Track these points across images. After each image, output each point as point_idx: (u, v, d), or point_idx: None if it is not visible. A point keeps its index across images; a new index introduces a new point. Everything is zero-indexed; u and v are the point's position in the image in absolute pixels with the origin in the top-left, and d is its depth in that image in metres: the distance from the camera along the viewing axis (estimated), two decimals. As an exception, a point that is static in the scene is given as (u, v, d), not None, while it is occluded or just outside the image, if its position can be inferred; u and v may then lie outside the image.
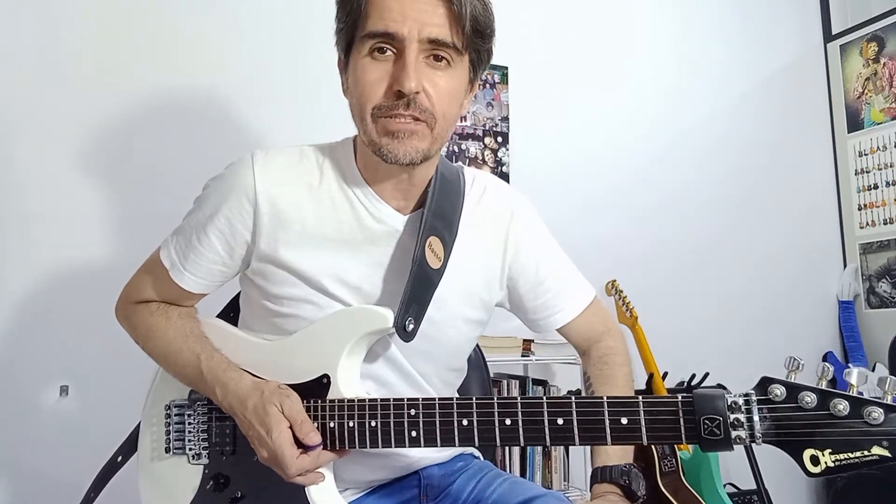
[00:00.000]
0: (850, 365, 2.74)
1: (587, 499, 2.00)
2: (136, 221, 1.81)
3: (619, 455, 0.99)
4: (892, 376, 0.69)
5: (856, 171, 2.98)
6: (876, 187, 2.91)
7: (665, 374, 2.26)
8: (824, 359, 2.83)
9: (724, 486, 2.16)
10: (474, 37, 0.92)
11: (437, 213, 0.98)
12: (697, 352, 2.48)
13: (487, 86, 2.39)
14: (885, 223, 2.86)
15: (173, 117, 1.90)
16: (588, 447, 1.05)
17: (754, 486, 2.30)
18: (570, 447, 2.09)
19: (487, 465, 1.14)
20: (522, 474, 2.00)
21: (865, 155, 2.95)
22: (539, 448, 2.05)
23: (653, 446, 2.05)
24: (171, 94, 1.91)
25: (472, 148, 2.34)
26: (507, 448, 1.99)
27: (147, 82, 1.88)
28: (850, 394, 0.71)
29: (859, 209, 2.96)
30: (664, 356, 2.25)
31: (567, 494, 2.03)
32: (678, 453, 2.11)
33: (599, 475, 0.97)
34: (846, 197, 3.01)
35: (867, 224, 2.92)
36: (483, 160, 2.35)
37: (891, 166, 2.86)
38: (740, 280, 2.73)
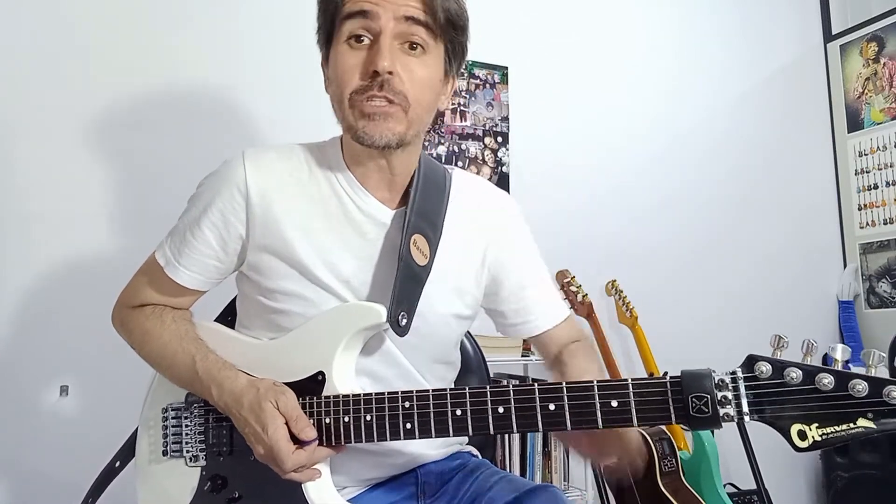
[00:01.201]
0: (849, 365, 2.74)
1: (586, 499, 2.01)
2: (137, 221, 1.82)
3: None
4: (876, 350, 0.70)
5: (856, 171, 2.98)
6: (876, 187, 2.90)
7: (665, 374, 2.26)
8: (824, 358, 2.83)
9: (724, 486, 2.16)
10: (447, 26, 0.97)
11: (420, 213, 1.01)
12: (697, 352, 2.47)
13: (487, 86, 2.39)
14: (885, 223, 2.86)
15: (174, 117, 1.91)
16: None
17: (754, 486, 2.30)
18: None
19: (485, 462, 1.14)
20: (522, 474, 2.00)
21: (865, 155, 2.95)
22: (539, 448, 2.05)
23: (653, 446, 2.06)
24: (172, 93, 1.91)
25: (472, 148, 2.34)
26: (506, 447, 1.99)
27: (147, 82, 1.89)
28: (835, 368, 0.72)
29: (859, 209, 2.96)
30: (664, 356, 2.25)
31: (566, 494, 2.03)
32: (678, 453, 2.11)
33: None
34: (846, 197, 3.01)
35: (867, 224, 2.92)
36: (483, 160, 2.35)
37: (891, 166, 2.86)
38: (740, 280, 2.73)
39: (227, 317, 1.15)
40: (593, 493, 2.07)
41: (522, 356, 2.07)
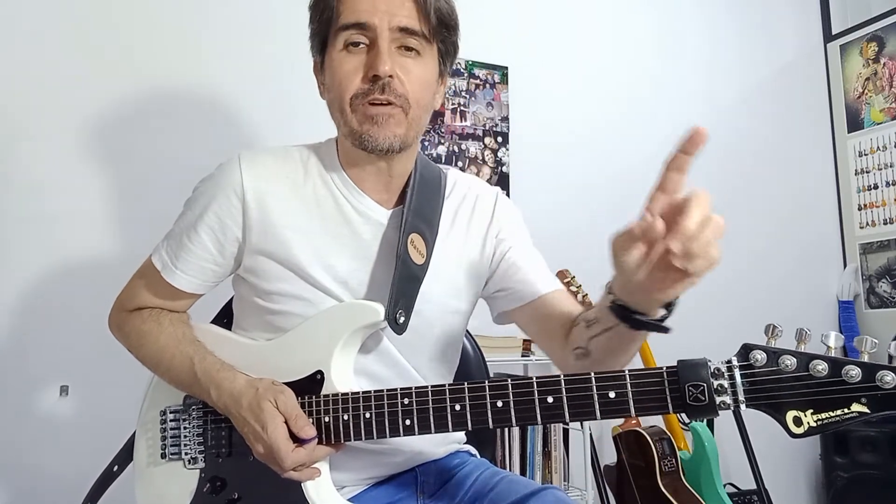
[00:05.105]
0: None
1: (586, 499, 2.01)
2: (137, 221, 1.82)
3: None
4: (869, 337, 0.71)
5: (856, 171, 2.98)
6: (876, 187, 2.91)
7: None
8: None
9: (724, 486, 2.16)
10: (440, 27, 0.99)
11: (417, 212, 1.02)
12: (697, 351, 2.47)
13: (487, 86, 2.39)
14: (885, 223, 2.86)
15: (175, 117, 1.91)
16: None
17: (754, 486, 2.31)
18: (570, 447, 2.09)
19: (485, 462, 1.14)
20: (522, 473, 2.00)
21: (865, 155, 2.95)
22: (539, 447, 2.05)
23: (653, 446, 2.06)
24: (171, 95, 1.91)
25: (472, 148, 2.34)
26: (506, 447, 1.99)
27: (146, 84, 1.89)
28: (829, 355, 0.73)
29: (859, 209, 2.96)
30: (664, 356, 2.25)
31: (566, 494, 2.02)
32: (678, 453, 2.11)
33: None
34: (846, 197, 3.01)
35: (867, 224, 2.92)
36: (483, 160, 2.35)
37: (891, 166, 2.86)
38: (739, 280, 2.72)
39: (224, 319, 1.15)
40: (593, 494, 2.07)
41: (522, 356, 2.07)
